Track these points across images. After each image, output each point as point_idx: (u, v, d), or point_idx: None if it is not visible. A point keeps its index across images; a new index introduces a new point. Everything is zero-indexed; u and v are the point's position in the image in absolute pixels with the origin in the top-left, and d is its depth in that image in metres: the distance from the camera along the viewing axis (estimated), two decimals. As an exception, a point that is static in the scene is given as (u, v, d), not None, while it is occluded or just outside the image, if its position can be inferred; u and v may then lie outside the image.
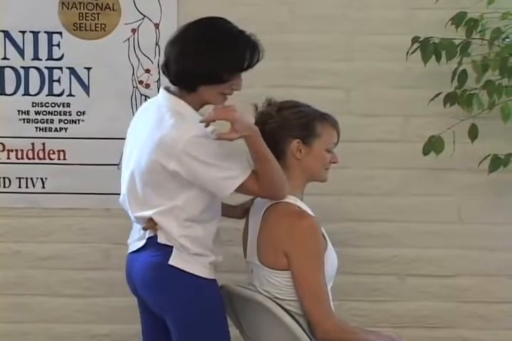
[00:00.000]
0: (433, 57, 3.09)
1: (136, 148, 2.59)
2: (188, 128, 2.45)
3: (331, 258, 2.59)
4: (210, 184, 2.49)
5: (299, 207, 2.59)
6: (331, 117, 2.69)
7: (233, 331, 2.67)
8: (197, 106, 2.57)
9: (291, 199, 2.60)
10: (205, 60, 2.49)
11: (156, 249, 2.56)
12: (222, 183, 2.48)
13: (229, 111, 2.45)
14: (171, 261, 2.53)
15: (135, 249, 2.66)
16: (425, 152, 3.14)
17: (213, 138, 2.42)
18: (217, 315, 2.57)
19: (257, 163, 2.49)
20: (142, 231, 2.61)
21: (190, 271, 2.53)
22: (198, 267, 2.54)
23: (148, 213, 2.55)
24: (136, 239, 2.66)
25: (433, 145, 3.12)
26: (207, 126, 2.44)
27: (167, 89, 2.61)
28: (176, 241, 2.53)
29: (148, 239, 2.59)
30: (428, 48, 3.08)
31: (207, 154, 2.45)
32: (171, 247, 2.54)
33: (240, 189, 2.50)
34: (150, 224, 2.57)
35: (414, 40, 3.11)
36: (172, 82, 2.58)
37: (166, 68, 2.58)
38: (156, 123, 2.52)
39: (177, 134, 2.45)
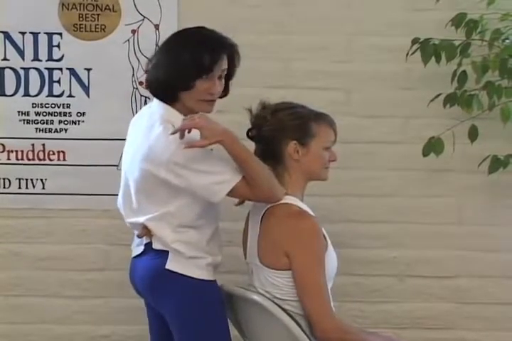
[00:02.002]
0: (433, 58, 3.10)
1: (129, 155, 2.61)
2: (175, 137, 2.45)
3: (331, 259, 2.59)
4: (201, 190, 2.49)
5: (299, 208, 2.59)
6: (327, 116, 2.69)
7: (233, 331, 2.67)
8: (187, 115, 2.55)
9: (290, 199, 2.60)
10: (167, 67, 2.52)
11: (154, 253, 2.59)
12: (213, 188, 2.48)
13: (194, 119, 2.45)
14: (168, 266, 2.54)
15: (136, 254, 2.68)
16: (425, 153, 3.14)
17: (184, 146, 2.42)
18: (216, 316, 2.57)
19: (240, 167, 2.49)
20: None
21: (187, 274, 2.54)
22: (195, 269, 2.55)
23: (141, 219, 2.57)
24: (137, 245, 2.69)
25: (433, 146, 3.12)
26: (181, 137, 2.44)
27: None
28: (170, 246, 2.54)
29: (146, 245, 2.62)
30: (428, 49, 3.09)
31: (195, 161, 2.45)
32: (167, 252, 2.55)
33: (232, 193, 2.50)
34: (144, 231, 2.59)
35: (414, 41, 3.11)
36: (153, 95, 2.60)
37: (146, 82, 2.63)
38: (146, 130, 2.54)
39: (164, 144, 2.46)
